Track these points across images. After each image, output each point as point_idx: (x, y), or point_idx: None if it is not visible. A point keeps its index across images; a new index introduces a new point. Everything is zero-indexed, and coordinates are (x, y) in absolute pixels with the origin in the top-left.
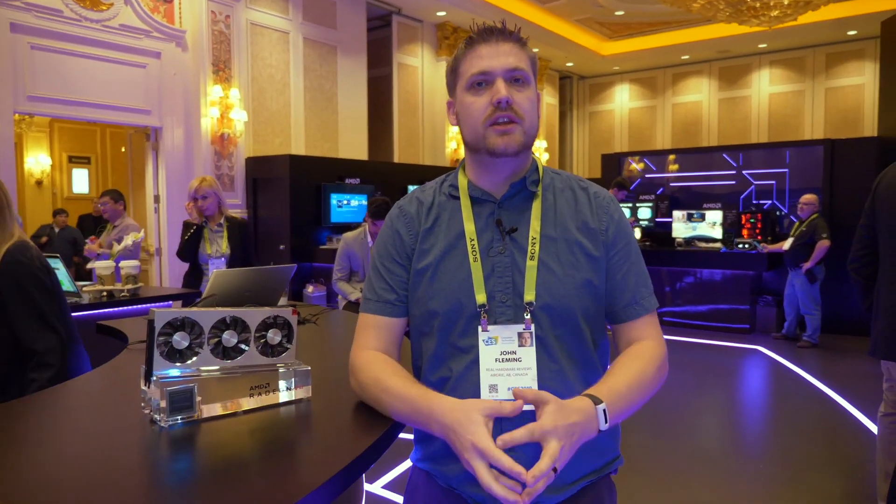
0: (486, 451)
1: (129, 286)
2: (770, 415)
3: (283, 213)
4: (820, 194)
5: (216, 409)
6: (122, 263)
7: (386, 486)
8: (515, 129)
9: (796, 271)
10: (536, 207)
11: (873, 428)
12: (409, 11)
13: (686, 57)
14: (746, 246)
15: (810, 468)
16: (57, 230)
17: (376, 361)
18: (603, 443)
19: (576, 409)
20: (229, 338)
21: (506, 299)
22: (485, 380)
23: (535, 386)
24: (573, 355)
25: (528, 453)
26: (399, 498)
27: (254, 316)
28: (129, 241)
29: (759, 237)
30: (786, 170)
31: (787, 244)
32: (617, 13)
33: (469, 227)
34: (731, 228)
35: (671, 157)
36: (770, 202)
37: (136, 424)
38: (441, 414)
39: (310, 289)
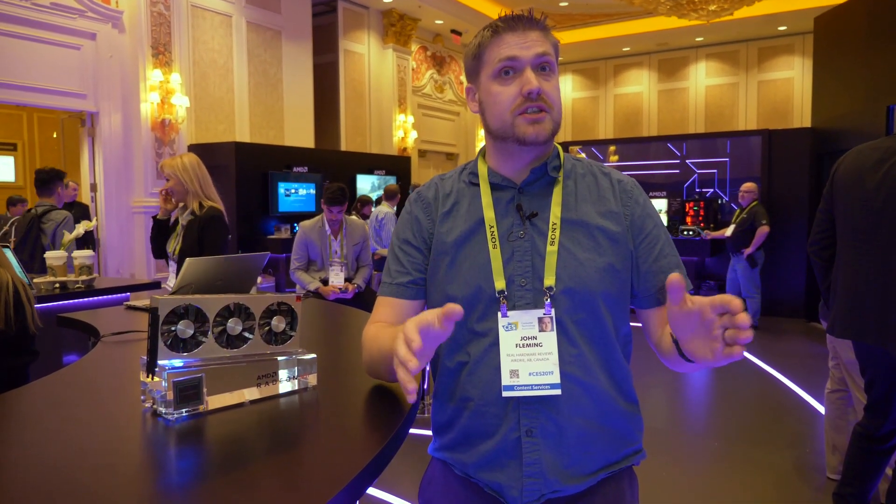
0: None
1: (84, 277)
2: (717, 394)
3: (229, 203)
4: (759, 182)
5: (222, 400)
6: (76, 253)
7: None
8: (545, 117)
9: (738, 256)
10: (557, 193)
11: (815, 404)
12: None
13: (627, 49)
14: (690, 233)
15: (760, 443)
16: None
17: (377, 328)
18: (625, 434)
19: None
20: (234, 326)
21: (525, 283)
22: (506, 365)
23: (556, 371)
24: (593, 340)
25: (548, 440)
26: (387, 496)
27: (258, 303)
28: (80, 229)
29: (703, 224)
30: (727, 159)
31: (729, 231)
32: (561, 4)
33: (489, 214)
34: (676, 216)
35: (611, 147)
36: (712, 190)
37: (137, 418)
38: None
39: (258, 279)
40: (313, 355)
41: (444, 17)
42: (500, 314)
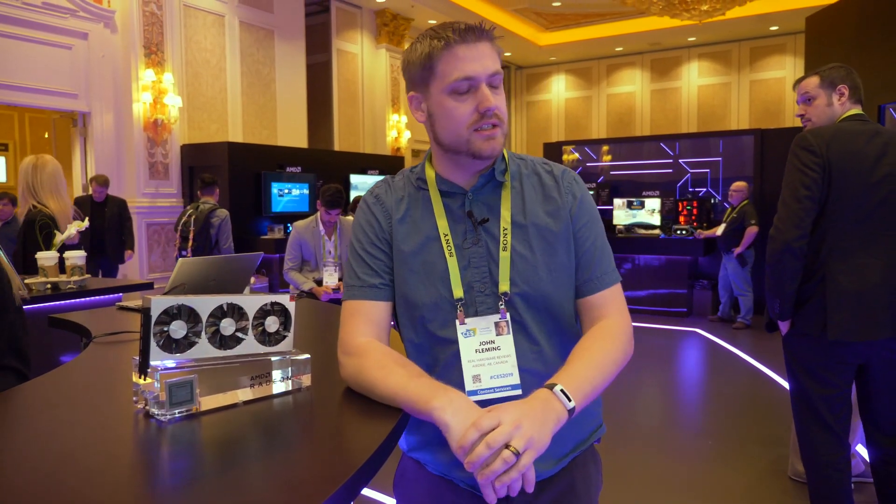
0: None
1: (76, 278)
2: (711, 393)
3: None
4: (751, 182)
5: (215, 401)
6: (68, 254)
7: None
8: (498, 132)
9: (729, 255)
10: (506, 197)
11: None
12: None
13: (620, 49)
14: (684, 232)
15: (753, 441)
16: None
17: (377, 348)
18: (588, 412)
19: (531, 398)
20: (227, 326)
21: (484, 289)
22: (468, 371)
23: (515, 372)
24: (552, 335)
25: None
26: (382, 497)
27: (251, 303)
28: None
29: (696, 223)
30: (719, 158)
31: (720, 230)
32: (554, 3)
33: (442, 224)
34: (669, 215)
35: (605, 147)
36: (705, 190)
37: (129, 419)
38: (442, 417)
39: (251, 280)
40: (307, 356)
41: (438, 17)
42: (458, 322)
